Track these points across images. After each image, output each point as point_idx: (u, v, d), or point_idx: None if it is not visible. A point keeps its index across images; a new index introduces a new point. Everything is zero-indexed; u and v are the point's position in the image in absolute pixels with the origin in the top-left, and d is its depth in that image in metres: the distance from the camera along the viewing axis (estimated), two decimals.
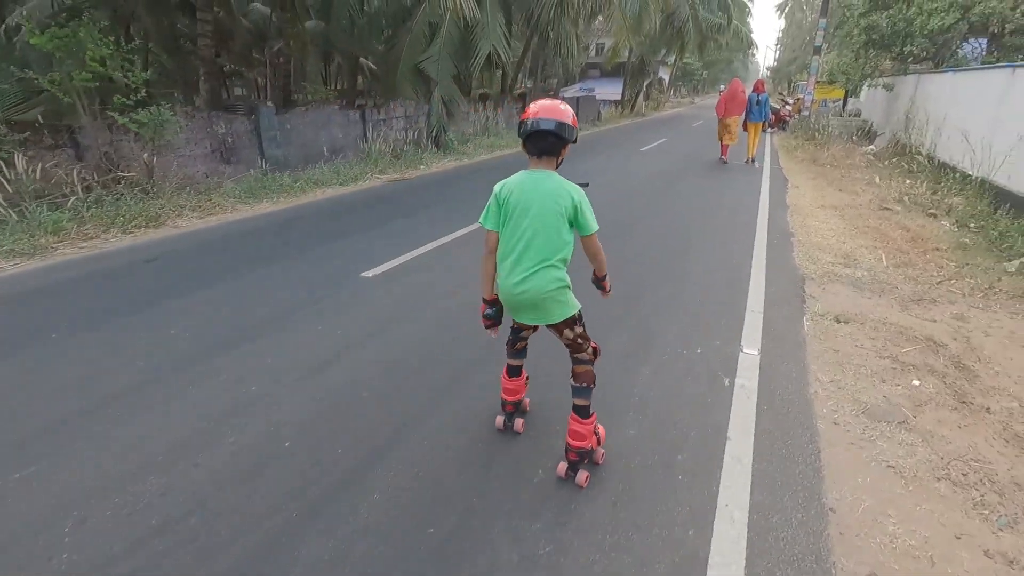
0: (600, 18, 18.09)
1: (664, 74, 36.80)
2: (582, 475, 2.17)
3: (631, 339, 3.39)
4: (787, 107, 19.52)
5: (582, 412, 2.15)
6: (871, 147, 12.85)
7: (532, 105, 2.01)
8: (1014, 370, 3.17)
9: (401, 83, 11.84)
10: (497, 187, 2.07)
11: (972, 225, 6.21)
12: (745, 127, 11.07)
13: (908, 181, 8.65)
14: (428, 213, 6.58)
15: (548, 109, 1.96)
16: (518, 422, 2.50)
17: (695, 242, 5.57)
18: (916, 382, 2.97)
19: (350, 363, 3.04)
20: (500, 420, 2.51)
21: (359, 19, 13.21)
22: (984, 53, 11.21)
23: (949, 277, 4.63)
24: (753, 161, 10.96)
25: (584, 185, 2.11)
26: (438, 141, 11.78)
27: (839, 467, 2.30)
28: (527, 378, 2.51)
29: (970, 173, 7.52)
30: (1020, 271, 4.70)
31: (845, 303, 4.06)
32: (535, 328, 2.28)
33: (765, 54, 73.85)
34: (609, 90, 26.67)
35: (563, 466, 2.21)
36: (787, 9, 50.15)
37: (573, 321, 2.11)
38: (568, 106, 2.02)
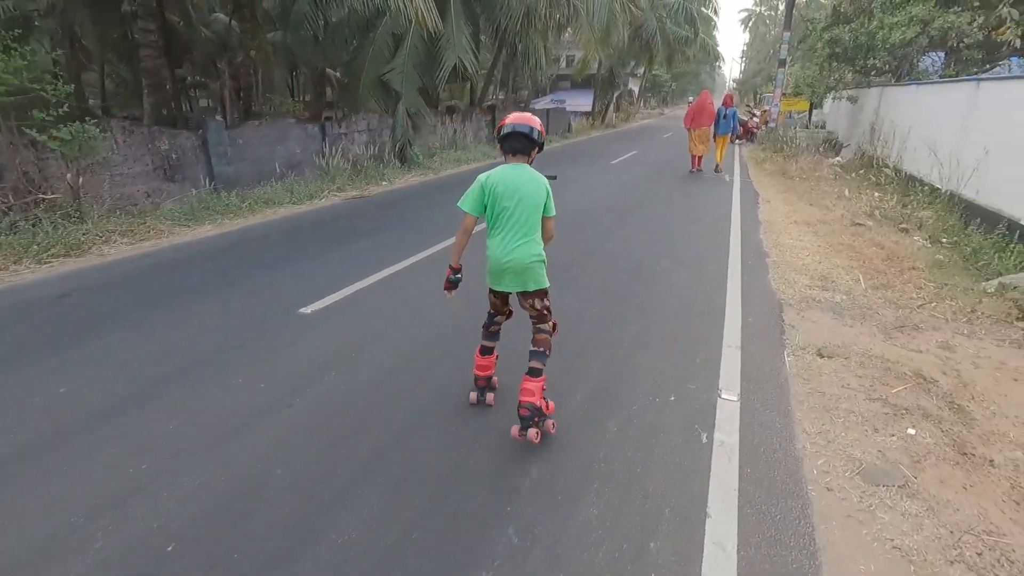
0: (569, 31, 18.01)
1: (634, 86, 37.17)
2: (532, 432, 2.41)
3: (596, 386, 3.02)
4: (754, 119, 19.73)
5: (535, 373, 2.45)
6: (838, 159, 12.93)
7: (509, 116, 2.49)
8: (1010, 409, 2.91)
9: (364, 96, 11.43)
10: (482, 177, 2.44)
11: (944, 240, 6.09)
12: (714, 139, 11.26)
13: (877, 194, 8.59)
14: (384, 235, 6.14)
15: (522, 118, 2.48)
16: (489, 396, 2.77)
17: (667, 264, 5.27)
18: (911, 430, 2.67)
19: (267, 428, 2.58)
20: (473, 395, 2.77)
21: (318, 30, 12.80)
22: (942, 67, 11.40)
23: (929, 300, 4.42)
24: (720, 169, 11.20)
25: (552, 178, 2.58)
26: (403, 155, 11.35)
27: (838, 551, 1.95)
28: (496, 357, 2.79)
29: (938, 186, 7.47)
30: (999, 292, 4.52)
31: (826, 333, 3.78)
32: (508, 315, 2.73)
33: (731, 66, 75.76)
34: (580, 102, 26.67)
35: (516, 428, 2.45)
36: (751, 23, 51.57)
37: (544, 293, 2.54)
38: (537, 118, 2.53)
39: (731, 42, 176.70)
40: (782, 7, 34.25)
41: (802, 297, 4.41)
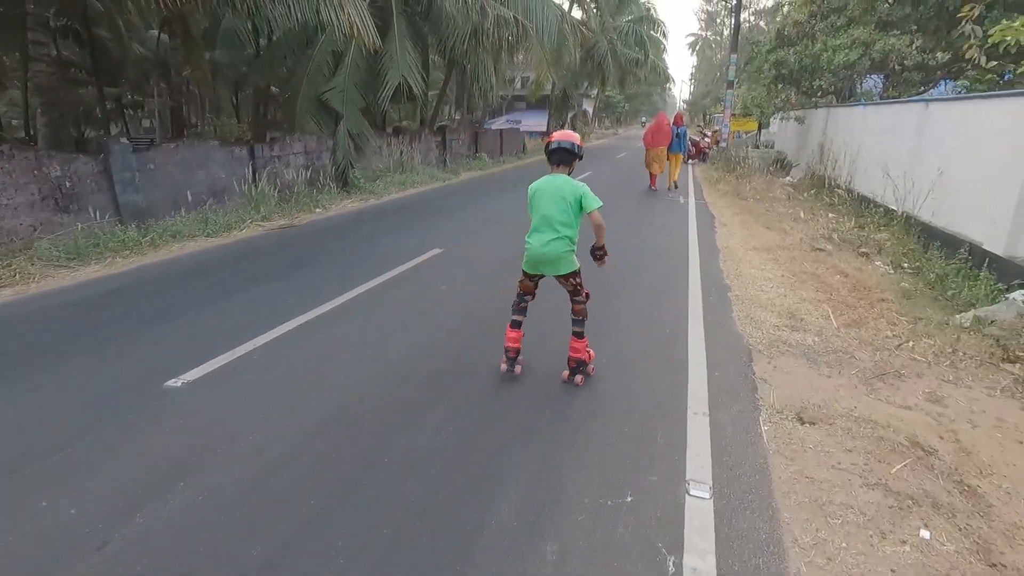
0: (522, 53, 17.77)
1: (588, 106, 37.62)
2: (578, 378, 3.15)
3: (534, 482, 2.35)
4: (706, 139, 19.96)
5: (578, 335, 3.12)
6: (788, 178, 12.98)
7: (555, 133, 3.10)
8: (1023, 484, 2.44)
9: (302, 116, 10.64)
10: (530, 186, 3.10)
11: (907, 266, 5.82)
12: (668, 158, 11.43)
13: (832, 215, 8.43)
14: (302, 274, 5.35)
15: (565, 135, 3.08)
16: (517, 368, 3.24)
17: (620, 303, 4.72)
18: (924, 532, 2.12)
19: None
20: (504, 366, 3.23)
21: (251, 47, 11.96)
22: (883, 88, 11.61)
23: (906, 338, 4.01)
24: (676, 186, 11.62)
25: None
26: (344, 179, 10.57)
27: None
28: (523, 334, 3.20)
29: (893, 208, 7.30)
30: (975, 326, 4.17)
31: (803, 387, 3.27)
32: (533, 297, 3.23)
33: (681, 88, 78.56)
34: (535, 122, 26.59)
35: (565, 373, 3.18)
36: (698, 47, 53.54)
37: (575, 274, 3.09)
38: (576, 134, 3.19)
39: (680, 64, 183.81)
40: (727, 32, 35.58)
41: (771, 340, 3.92)
